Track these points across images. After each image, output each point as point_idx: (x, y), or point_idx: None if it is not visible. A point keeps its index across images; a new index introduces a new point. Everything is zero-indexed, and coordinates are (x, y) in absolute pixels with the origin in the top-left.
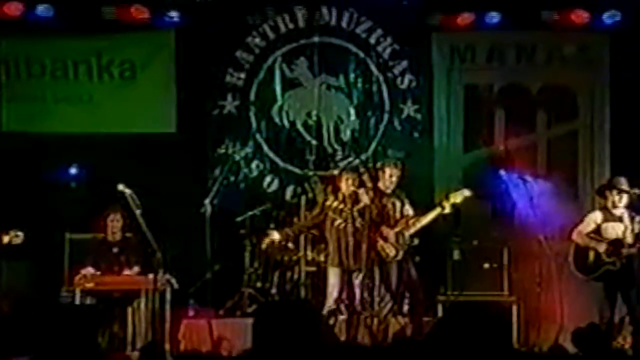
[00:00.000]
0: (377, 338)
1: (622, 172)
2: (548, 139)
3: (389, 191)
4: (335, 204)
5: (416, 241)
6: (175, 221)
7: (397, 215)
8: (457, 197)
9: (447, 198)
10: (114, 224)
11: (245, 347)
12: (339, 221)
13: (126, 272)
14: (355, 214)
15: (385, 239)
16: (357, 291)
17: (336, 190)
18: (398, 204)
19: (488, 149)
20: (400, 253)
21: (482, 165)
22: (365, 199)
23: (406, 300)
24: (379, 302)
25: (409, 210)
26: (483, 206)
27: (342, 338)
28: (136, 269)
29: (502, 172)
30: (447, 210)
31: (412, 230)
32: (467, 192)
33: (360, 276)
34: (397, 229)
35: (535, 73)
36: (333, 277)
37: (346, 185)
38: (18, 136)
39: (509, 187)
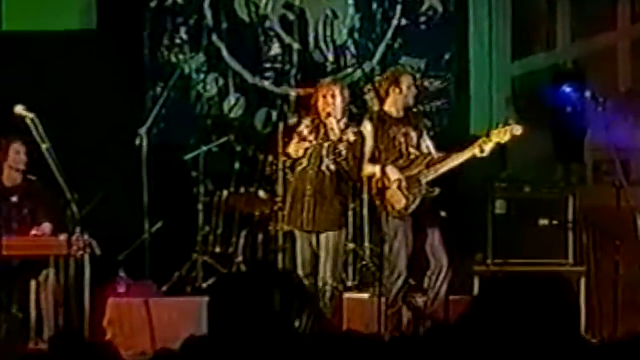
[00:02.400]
0: (387, 324)
1: None
2: (633, 41)
3: (401, 114)
4: (306, 132)
5: (437, 190)
6: (98, 159)
7: (413, 151)
8: (503, 136)
9: (488, 136)
10: (17, 158)
11: (196, 334)
12: (300, 160)
13: (29, 231)
14: (325, 151)
15: (393, 185)
16: (324, 261)
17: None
18: (414, 135)
19: (547, 54)
20: (413, 206)
21: (539, 78)
22: (332, 134)
23: (428, 273)
24: (389, 276)
25: (429, 145)
26: (540, 136)
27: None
28: (45, 226)
29: (567, 88)
30: (487, 152)
31: (433, 175)
32: (517, 129)
33: (331, 239)
34: (411, 172)
35: None
36: (301, 243)
37: (323, 105)
38: None
39: (577, 110)
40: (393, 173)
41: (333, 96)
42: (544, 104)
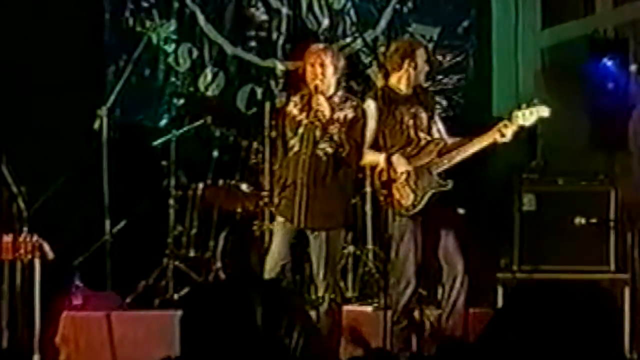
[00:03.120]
0: (396, 342)
1: None
2: None
3: (409, 91)
4: (296, 111)
5: (450, 184)
6: (49, 144)
7: (422, 135)
8: (527, 118)
9: (509, 119)
10: None
11: (166, 356)
12: (292, 142)
13: None
14: (318, 133)
15: (400, 177)
16: (318, 268)
17: (298, 85)
18: (424, 116)
19: (584, 21)
20: (422, 202)
21: (574, 49)
22: (321, 114)
23: (442, 281)
24: (395, 285)
25: (440, 128)
26: (575, 119)
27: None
28: None
29: (608, 61)
30: (508, 137)
31: (446, 165)
32: (544, 111)
33: (326, 240)
34: (420, 161)
35: None
36: (278, 237)
37: (311, 76)
38: None
39: (620, 87)
40: (400, 163)
41: (322, 65)
42: (579, 80)
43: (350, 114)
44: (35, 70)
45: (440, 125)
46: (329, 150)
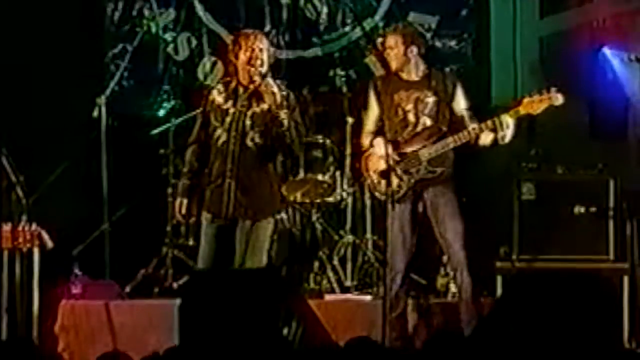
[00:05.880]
0: (391, 330)
1: None
2: None
3: (414, 77)
4: (220, 99)
5: (439, 171)
6: (47, 133)
7: (424, 120)
8: (537, 105)
9: (519, 104)
10: None
11: (166, 344)
12: (218, 133)
13: None
14: (248, 122)
15: (381, 162)
16: (240, 254)
17: (230, 66)
18: (430, 100)
19: (582, 10)
20: (405, 188)
21: (573, 38)
22: (270, 99)
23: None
24: (387, 274)
25: (462, 114)
26: (574, 107)
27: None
28: None
29: (606, 50)
30: (510, 130)
31: (438, 151)
32: (557, 98)
33: (242, 229)
34: (411, 147)
35: None
36: (207, 230)
37: (250, 61)
38: None
39: (618, 74)
40: (380, 147)
41: (261, 50)
42: (579, 70)
43: (291, 100)
44: (35, 60)
45: (465, 112)
46: (258, 140)
